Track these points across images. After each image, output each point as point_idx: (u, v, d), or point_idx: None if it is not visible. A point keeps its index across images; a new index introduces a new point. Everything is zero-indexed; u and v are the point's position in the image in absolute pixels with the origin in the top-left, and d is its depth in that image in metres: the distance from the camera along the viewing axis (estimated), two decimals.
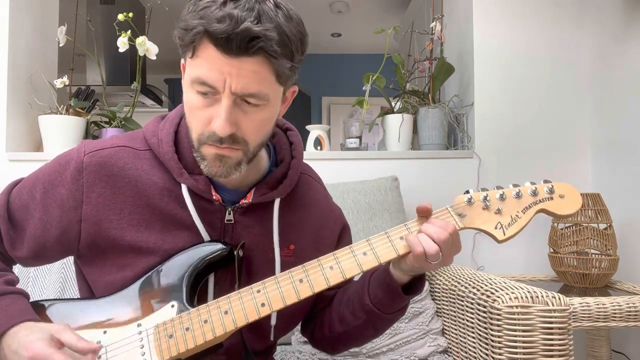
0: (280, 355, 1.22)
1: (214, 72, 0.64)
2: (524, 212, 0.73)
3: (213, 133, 0.67)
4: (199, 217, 0.75)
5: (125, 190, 0.74)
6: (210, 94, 0.66)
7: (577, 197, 0.73)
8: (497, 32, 1.86)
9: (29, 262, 0.80)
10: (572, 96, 1.86)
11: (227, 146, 0.68)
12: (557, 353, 0.91)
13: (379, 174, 1.70)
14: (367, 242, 0.73)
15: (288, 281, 0.71)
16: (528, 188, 0.74)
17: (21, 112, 1.75)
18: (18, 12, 1.75)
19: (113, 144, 0.76)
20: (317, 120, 4.84)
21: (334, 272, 0.71)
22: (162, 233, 0.74)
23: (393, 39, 3.05)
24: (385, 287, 0.77)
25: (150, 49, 1.67)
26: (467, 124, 1.90)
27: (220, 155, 0.69)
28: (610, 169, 1.74)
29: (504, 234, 0.72)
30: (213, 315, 0.69)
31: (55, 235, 0.75)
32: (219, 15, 0.61)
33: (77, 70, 1.85)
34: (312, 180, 0.89)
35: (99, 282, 0.76)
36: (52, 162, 0.77)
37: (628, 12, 1.65)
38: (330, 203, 0.91)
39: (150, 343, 0.70)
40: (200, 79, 0.65)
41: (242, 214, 0.78)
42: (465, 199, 0.74)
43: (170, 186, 0.75)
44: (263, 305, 0.69)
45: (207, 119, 0.67)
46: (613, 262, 1.50)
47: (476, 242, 1.80)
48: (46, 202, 0.75)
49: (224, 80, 0.64)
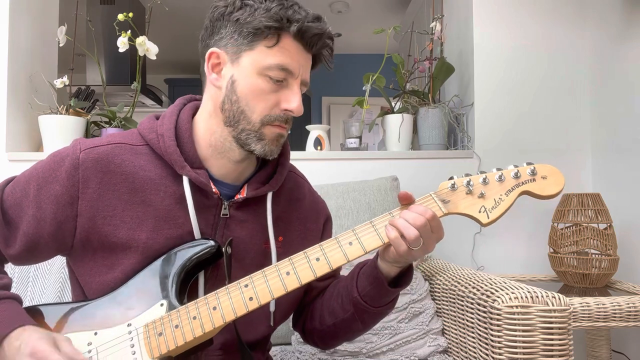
0: (280, 355, 1.22)
1: (294, 61, 0.74)
2: (507, 195, 0.73)
3: (284, 113, 0.76)
4: (195, 212, 0.76)
5: (120, 187, 0.75)
6: (283, 80, 0.75)
7: (559, 178, 0.72)
8: (497, 32, 1.86)
9: (21, 260, 0.79)
10: (572, 96, 1.86)
11: (287, 126, 0.78)
12: (557, 353, 0.91)
13: (379, 174, 1.70)
14: (352, 232, 0.73)
15: (275, 274, 0.71)
16: (511, 171, 0.74)
17: (21, 112, 1.75)
18: (18, 12, 1.75)
19: (109, 142, 0.78)
20: (317, 120, 4.84)
21: (321, 264, 0.72)
22: (153, 232, 0.75)
23: (393, 39, 3.05)
24: (372, 280, 0.78)
25: (150, 49, 1.67)
26: (467, 123, 1.90)
27: (281, 134, 0.78)
28: (610, 169, 1.74)
29: (487, 217, 0.72)
30: (202, 311, 0.70)
31: (49, 232, 0.75)
32: (311, 17, 0.74)
33: (77, 70, 1.85)
34: (298, 177, 0.93)
35: (90, 284, 0.76)
36: (46, 160, 0.78)
37: (628, 12, 1.65)
38: (315, 197, 0.95)
39: (140, 342, 0.70)
40: (282, 66, 0.74)
41: (237, 209, 0.81)
42: (449, 184, 0.74)
43: (167, 182, 0.77)
44: (251, 299, 0.70)
45: (275, 102, 0.75)
46: (613, 262, 1.50)
47: (476, 242, 1.80)
48: (40, 198, 0.75)
49: (298, 69, 0.75)
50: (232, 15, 0.74)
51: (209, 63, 0.77)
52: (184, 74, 4.78)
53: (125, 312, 0.73)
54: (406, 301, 1.29)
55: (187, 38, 3.97)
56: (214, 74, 0.77)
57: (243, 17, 0.72)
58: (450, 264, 1.43)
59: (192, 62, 4.56)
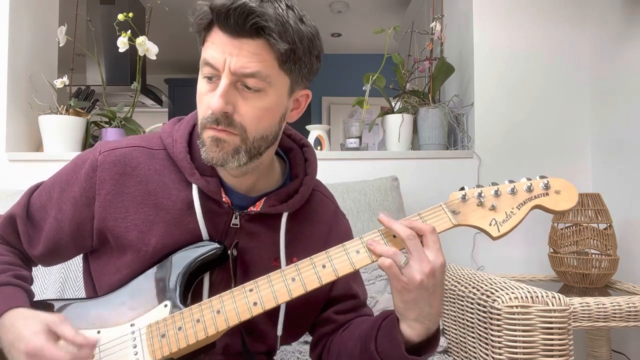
0: (280, 355, 1.22)
1: (218, 53, 0.67)
2: (519, 209, 0.71)
3: (211, 114, 0.68)
4: (204, 219, 0.75)
5: (134, 190, 0.75)
6: (215, 77, 0.68)
7: (573, 193, 0.71)
8: (497, 32, 1.86)
9: (46, 260, 0.81)
10: (572, 96, 1.86)
11: (222, 128, 0.69)
12: (557, 353, 0.91)
13: (379, 174, 1.70)
14: (360, 240, 0.72)
15: (280, 280, 0.70)
16: (524, 184, 0.73)
17: (21, 112, 1.75)
18: (18, 12, 1.75)
19: (128, 144, 0.78)
20: (317, 120, 4.84)
21: (327, 271, 0.70)
22: (163, 236, 0.75)
23: (393, 39, 3.05)
24: (390, 339, 0.72)
25: (150, 49, 1.67)
26: (467, 124, 1.90)
27: (217, 138, 0.69)
28: (610, 169, 1.74)
29: (498, 230, 0.70)
30: (205, 314, 0.69)
31: (68, 233, 0.76)
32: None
33: (77, 70, 1.85)
34: (324, 197, 0.89)
35: (101, 282, 0.77)
36: (70, 163, 0.80)
37: (628, 12, 1.65)
38: (339, 219, 0.90)
39: (142, 342, 0.70)
40: (205, 60, 0.68)
41: (248, 221, 0.78)
42: (460, 195, 0.73)
43: (180, 187, 0.76)
44: (255, 304, 0.69)
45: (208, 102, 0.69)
46: (613, 262, 1.50)
47: (476, 242, 1.80)
48: (61, 200, 0.77)
49: (224, 59, 0.66)
50: None
51: None
52: (184, 74, 4.78)
53: (129, 311, 0.72)
54: None
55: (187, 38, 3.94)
56: None
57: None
58: (450, 264, 1.43)
59: (192, 62, 4.56)
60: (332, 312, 0.85)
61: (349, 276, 0.77)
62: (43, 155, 1.70)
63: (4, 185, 1.66)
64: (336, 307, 0.85)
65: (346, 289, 0.86)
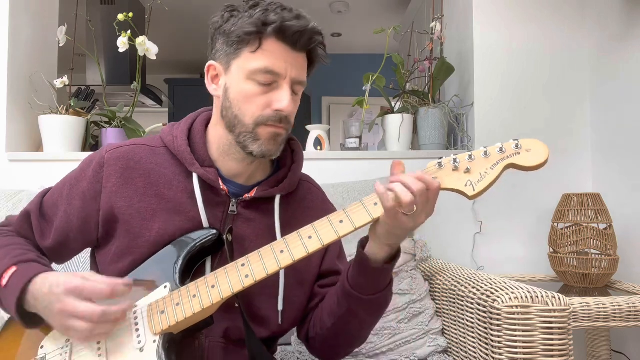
0: (280, 355, 1.22)
1: (280, 62, 0.77)
2: (492, 169, 0.73)
3: (275, 114, 0.78)
4: (204, 206, 0.82)
5: (137, 181, 0.83)
6: (272, 82, 0.78)
7: (543, 149, 0.72)
8: (497, 32, 1.86)
9: (54, 254, 0.87)
10: (572, 96, 1.86)
11: (282, 125, 0.80)
12: (557, 353, 0.91)
13: (379, 174, 1.70)
14: (343, 211, 0.76)
15: (270, 253, 0.75)
16: (496, 147, 0.75)
17: (21, 112, 1.75)
18: (18, 12, 1.75)
19: (132, 143, 0.87)
20: (317, 120, 4.83)
21: (313, 241, 0.74)
22: (165, 223, 0.81)
23: (393, 39, 3.05)
24: (358, 265, 0.79)
25: (150, 49, 1.67)
26: (467, 124, 1.90)
27: (277, 133, 0.80)
28: (610, 169, 1.74)
29: (473, 189, 0.73)
30: (201, 290, 0.74)
31: (76, 226, 0.83)
32: (291, 16, 0.76)
33: (77, 70, 1.85)
34: (312, 186, 0.97)
35: (106, 272, 0.81)
36: (80, 164, 0.88)
37: (628, 12, 1.65)
38: (328, 205, 0.97)
39: (144, 320, 0.75)
40: (267, 68, 0.77)
41: (245, 207, 0.86)
42: (436, 162, 0.76)
43: (180, 178, 0.84)
44: (247, 276, 0.74)
45: (266, 103, 0.78)
46: (613, 262, 1.50)
47: (476, 242, 1.80)
48: (71, 196, 0.84)
49: (286, 69, 0.78)
50: (221, 28, 0.80)
51: (209, 75, 0.84)
52: (184, 74, 4.78)
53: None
54: (406, 301, 1.29)
55: (187, 38, 3.97)
56: (213, 85, 0.84)
57: (229, 28, 0.79)
58: (450, 264, 1.43)
59: (192, 62, 4.56)
60: (318, 286, 0.92)
61: (334, 253, 0.93)
62: (43, 155, 1.70)
63: (4, 185, 1.66)
64: (321, 281, 0.92)
65: (332, 265, 0.93)
